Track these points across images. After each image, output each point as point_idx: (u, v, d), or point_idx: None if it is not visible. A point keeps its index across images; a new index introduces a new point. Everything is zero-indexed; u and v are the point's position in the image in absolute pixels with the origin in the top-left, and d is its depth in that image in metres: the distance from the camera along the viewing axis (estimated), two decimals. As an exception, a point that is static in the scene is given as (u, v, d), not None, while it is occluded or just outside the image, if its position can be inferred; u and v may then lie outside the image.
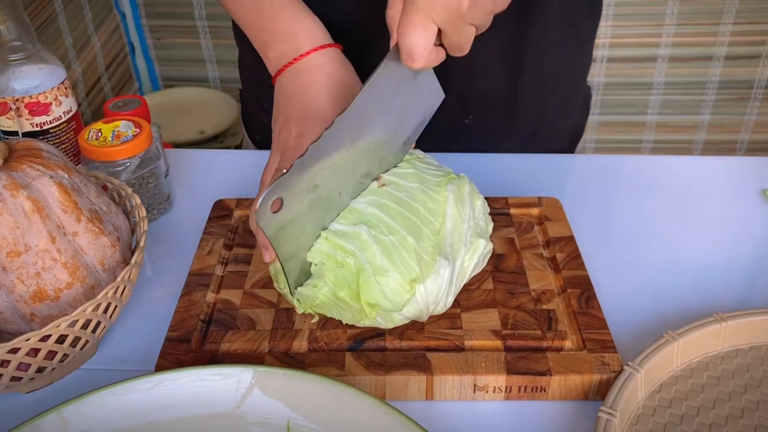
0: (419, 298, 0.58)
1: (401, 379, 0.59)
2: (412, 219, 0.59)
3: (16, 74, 0.77)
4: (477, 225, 0.63)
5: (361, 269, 0.57)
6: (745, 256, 0.75)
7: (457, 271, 0.60)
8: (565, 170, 0.90)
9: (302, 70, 0.68)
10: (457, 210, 0.61)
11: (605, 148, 2.23)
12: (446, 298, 0.60)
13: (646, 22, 2.03)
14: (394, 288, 0.57)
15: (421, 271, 0.58)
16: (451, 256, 0.60)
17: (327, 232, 0.59)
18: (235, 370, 0.55)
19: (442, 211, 0.61)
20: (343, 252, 0.58)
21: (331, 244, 0.59)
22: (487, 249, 0.63)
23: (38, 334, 0.55)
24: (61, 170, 0.61)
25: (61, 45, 1.74)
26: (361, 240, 0.58)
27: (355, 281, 0.57)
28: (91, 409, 0.53)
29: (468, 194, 0.63)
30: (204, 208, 0.81)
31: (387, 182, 0.62)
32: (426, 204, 0.60)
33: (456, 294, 0.62)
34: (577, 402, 0.60)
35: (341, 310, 0.60)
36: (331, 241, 0.59)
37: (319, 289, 0.59)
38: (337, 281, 0.58)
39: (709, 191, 0.85)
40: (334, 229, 0.60)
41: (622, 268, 0.73)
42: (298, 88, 0.68)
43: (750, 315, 0.62)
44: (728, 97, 2.14)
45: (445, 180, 0.63)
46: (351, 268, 0.58)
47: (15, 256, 0.58)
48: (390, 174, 0.63)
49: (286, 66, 0.69)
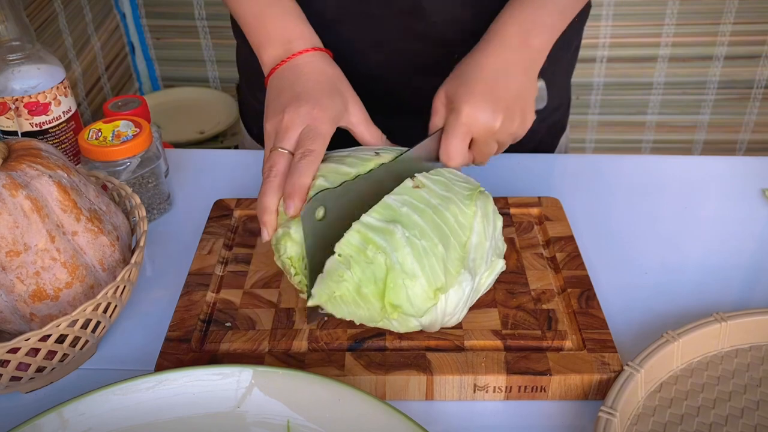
0: (439, 307, 0.58)
1: (401, 379, 0.59)
2: (443, 228, 0.59)
3: (16, 74, 0.77)
4: (496, 245, 0.63)
5: (391, 268, 0.56)
6: (745, 256, 0.75)
7: (475, 287, 0.60)
8: (565, 170, 0.90)
9: (292, 66, 0.71)
10: (482, 226, 0.61)
11: (605, 148, 2.23)
12: (461, 311, 0.60)
13: (646, 22, 2.03)
14: (419, 293, 0.57)
15: (446, 281, 0.58)
16: (473, 271, 0.60)
17: (359, 225, 0.58)
18: (234, 369, 0.55)
19: (469, 225, 0.60)
20: (375, 248, 0.57)
21: (363, 237, 0.57)
22: (502, 269, 0.63)
23: (38, 334, 0.55)
24: (60, 170, 0.61)
25: (61, 45, 1.74)
26: (395, 239, 0.57)
27: (383, 280, 0.56)
28: (90, 409, 0.53)
29: (492, 213, 0.63)
30: (204, 208, 0.81)
31: (421, 184, 0.61)
32: (456, 215, 0.60)
33: (467, 310, 0.62)
34: (577, 402, 0.60)
35: (358, 308, 0.58)
36: (363, 234, 0.57)
37: (344, 282, 0.57)
38: (364, 276, 0.57)
39: (709, 191, 0.85)
40: (367, 222, 0.58)
41: (622, 268, 0.73)
42: (286, 81, 0.70)
43: (750, 315, 0.62)
44: (728, 97, 2.14)
45: (475, 194, 0.62)
46: (381, 265, 0.56)
47: (14, 255, 0.58)
48: (423, 176, 0.63)
49: (278, 65, 0.72)
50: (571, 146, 2.27)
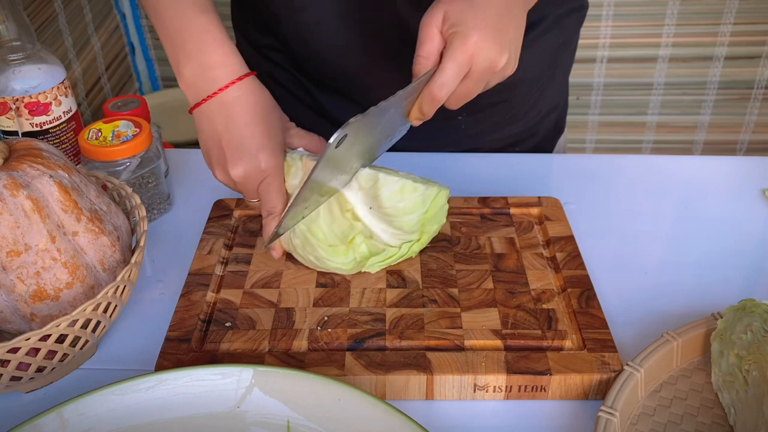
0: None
1: (401, 379, 0.59)
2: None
3: (16, 74, 0.77)
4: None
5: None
6: (745, 256, 0.75)
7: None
8: (565, 170, 0.90)
9: (220, 105, 0.67)
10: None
11: (605, 148, 2.23)
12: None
13: (646, 22, 2.03)
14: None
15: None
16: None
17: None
18: (234, 369, 0.55)
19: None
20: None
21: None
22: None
23: (38, 334, 0.55)
24: (61, 170, 0.61)
25: (61, 45, 1.74)
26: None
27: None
28: (90, 409, 0.53)
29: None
30: (204, 208, 0.81)
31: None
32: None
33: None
34: (577, 402, 0.60)
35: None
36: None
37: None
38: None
39: (709, 191, 0.85)
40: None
41: (622, 268, 0.73)
42: (219, 123, 0.67)
43: (750, 315, 0.62)
44: (728, 97, 2.14)
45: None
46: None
47: (15, 255, 0.58)
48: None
49: (204, 101, 0.67)
50: (572, 146, 2.28)
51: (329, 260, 0.67)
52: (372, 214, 0.66)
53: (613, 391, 0.55)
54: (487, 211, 0.78)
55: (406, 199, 0.65)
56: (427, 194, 0.66)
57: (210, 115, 0.67)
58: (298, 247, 0.68)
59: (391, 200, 0.64)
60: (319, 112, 0.93)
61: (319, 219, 0.66)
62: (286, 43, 0.89)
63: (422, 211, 0.66)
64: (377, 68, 0.85)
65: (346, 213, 0.66)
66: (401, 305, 0.66)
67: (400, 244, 0.68)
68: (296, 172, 0.68)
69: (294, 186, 0.68)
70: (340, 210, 0.66)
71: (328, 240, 0.66)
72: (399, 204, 0.65)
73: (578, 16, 0.92)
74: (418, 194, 0.65)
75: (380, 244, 0.67)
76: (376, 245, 0.67)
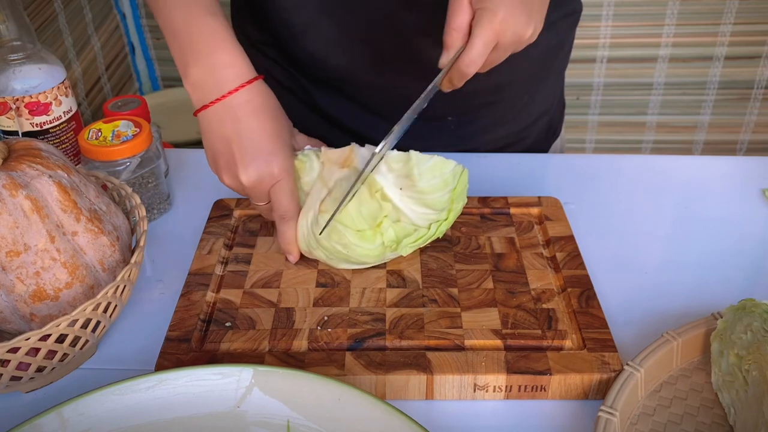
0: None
1: (401, 379, 0.59)
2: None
3: (16, 74, 0.77)
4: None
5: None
6: (745, 256, 0.75)
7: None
8: (565, 170, 0.90)
9: (229, 108, 0.66)
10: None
11: (605, 148, 2.23)
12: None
13: (646, 22, 2.03)
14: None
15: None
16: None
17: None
18: (234, 369, 0.55)
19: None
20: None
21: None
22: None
23: (38, 334, 0.55)
24: (60, 170, 0.61)
25: (61, 45, 1.74)
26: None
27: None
28: (90, 409, 0.53)
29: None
30: (204, 208, 0.81)
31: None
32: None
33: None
34: (577, 401, 0.60)
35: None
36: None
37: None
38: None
39: (709, 191, 0.85)
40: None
41: (622, 268, 0.73)
42: (228, 127, 0.66)
43: (750, 315, 0.62)
44: (728, 97, 2.14)
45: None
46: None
47: (14, 255, 0.58)
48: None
49: (212, 103, 0.66)
50: (572, 146, 2.28)
51: (357, 245, 0.66)
52: (402, 194, 0.66)
53: (613, 391, 0.55)
54: (487, 211, 0.78)
55: (438, 176, 0.65)
56: (456, 170, 0.67)
57: (218, 118, 0.67)
58: (322, 238, 0.67)
59: (425, 177, 0.65)
60: (315, 109, 0.93)
61: (348, 204, 0.66)
62: (280, 41, 0.89)
63: (452, 187, 0.67)
64: (370, 66, 0.85)
65: (375, 194, 0.65)
66: (401, 305, 0.66)
67: (428, 224, 0.68)
68: (310, 168, 0.69)
69: (308, 183, 0.69)
70: (369, 192, 0.65)
71: (356, 224, 0.66)
72: (432, 181, 0.65)
73: (571, 20, 0.92)
74: (449, 169, 0.66)
75: (409, 225, 0.67)
76: (404, 227, 0.67)
